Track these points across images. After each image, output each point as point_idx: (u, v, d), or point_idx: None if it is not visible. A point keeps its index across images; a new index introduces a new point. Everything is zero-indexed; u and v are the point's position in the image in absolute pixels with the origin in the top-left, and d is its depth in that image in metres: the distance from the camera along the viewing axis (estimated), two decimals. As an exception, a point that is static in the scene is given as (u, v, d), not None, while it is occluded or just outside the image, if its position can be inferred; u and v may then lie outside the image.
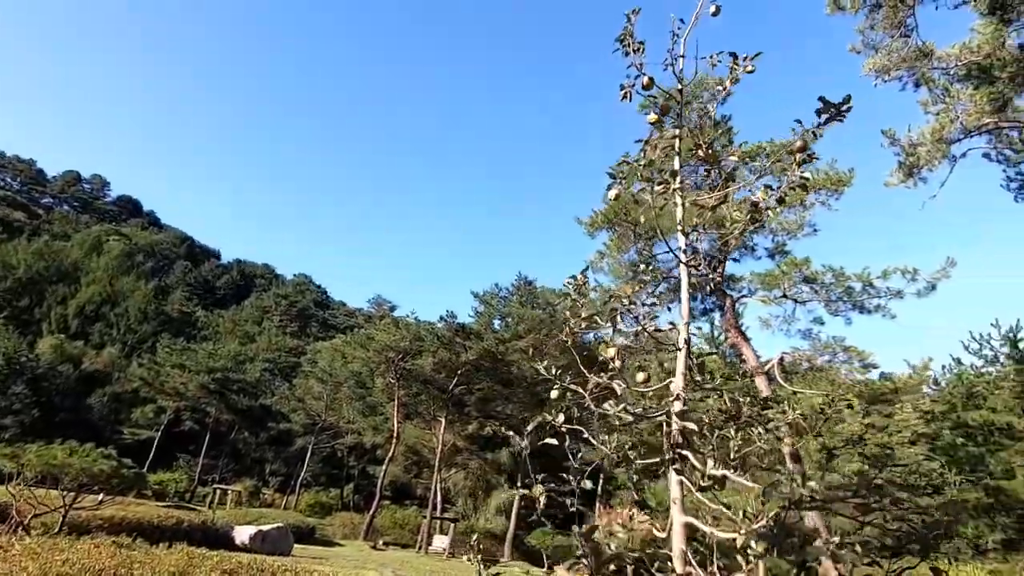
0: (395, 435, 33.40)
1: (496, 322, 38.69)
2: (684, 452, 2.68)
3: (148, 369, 45.24)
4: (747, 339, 12.33)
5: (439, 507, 34.32)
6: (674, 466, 2.65)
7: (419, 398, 35.99)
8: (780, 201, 3.48)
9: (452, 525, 30.00)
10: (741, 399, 3.13)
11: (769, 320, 12.94)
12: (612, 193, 3.63)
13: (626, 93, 3.43)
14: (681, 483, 2.61)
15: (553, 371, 3.41)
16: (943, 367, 26.98)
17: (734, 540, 2.19)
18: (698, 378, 3.17)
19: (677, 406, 2.82)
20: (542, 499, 2.74)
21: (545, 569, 26.51)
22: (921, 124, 14.32)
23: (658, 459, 2.83)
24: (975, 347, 24.85)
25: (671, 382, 3.09)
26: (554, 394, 3.47)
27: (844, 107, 2.98)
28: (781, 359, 11.41)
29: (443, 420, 33.18)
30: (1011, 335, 23.10)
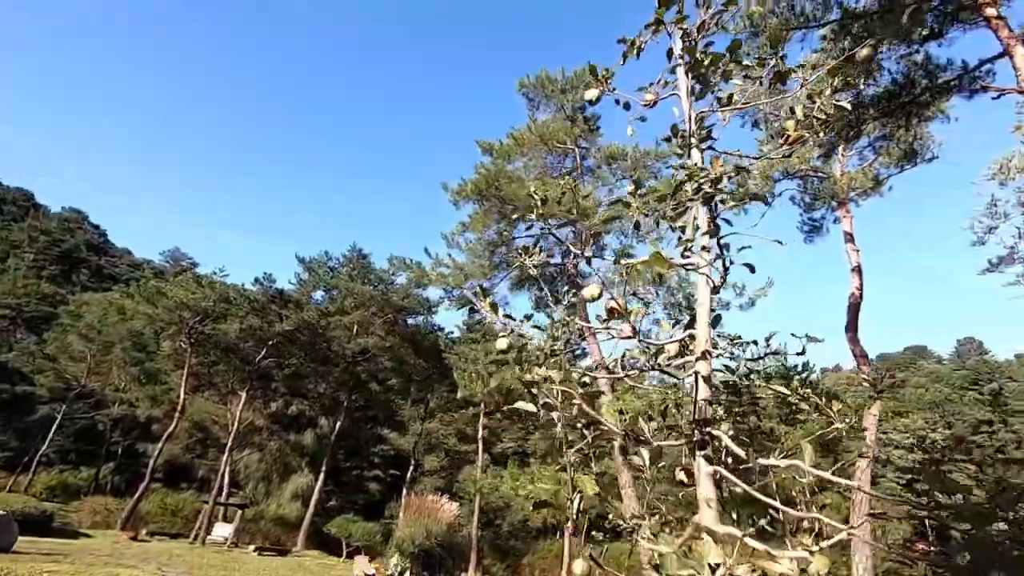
0: (180, 408, 28.64)
1: (320, 293, 35.63)
2: (714, 431, 1.95)
3: None
4: (595, 333, 12.56)
5: (225, 491, 30.32)
6: (702, 451, 1.91)
7: (216, 368, 31.40)
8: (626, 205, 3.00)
9: (239, 512, 26.66)
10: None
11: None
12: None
13: None
14: (717, 479, 1.85)
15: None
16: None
17: None
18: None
19: (703, 368, 2.11)
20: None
21: (343, 558, 24.85)
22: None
23: (676, 441, 2.09)
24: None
25: (673, 339, 2.41)
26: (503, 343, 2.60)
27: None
28: (623, 356, 11.77)
29: (243, 395, 29.36)
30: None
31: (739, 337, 2.68)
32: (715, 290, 2.27)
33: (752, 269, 2.27)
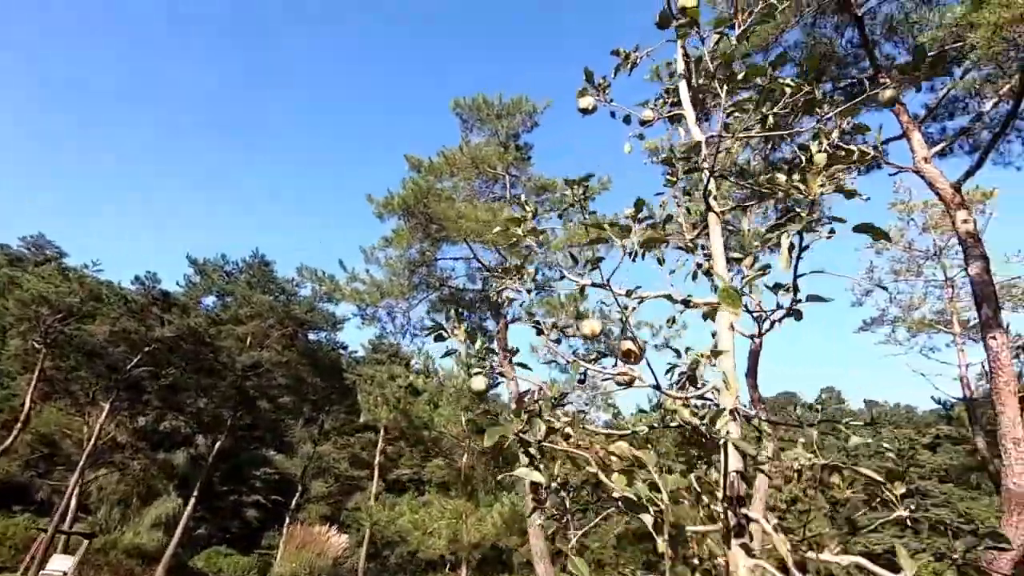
0: (23, 418, 24.62)
1: (211, 299, 32.62)
2: (751, 514, 1.56)
3: None
4: (513, 365, 12.23)
5: (70, 516, 26.23)
6: (739, 540, 1.51)
7: (76, 374, 27.47)
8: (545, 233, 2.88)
9: (85, 542, 23.12)
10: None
11: (538, 347, 13.16)
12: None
13: None
14: None
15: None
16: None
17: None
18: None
19: (735, 430, 1.72)
20: None
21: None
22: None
23: (709, 528, 1.67)
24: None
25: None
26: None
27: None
28: (540, 388, 11.52)
29: (106, 406, 25.85)
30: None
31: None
32: (759, 335, 1.97)
33: (821, 300, 1.98)
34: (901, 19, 10.28)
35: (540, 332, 2.57)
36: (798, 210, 1.32)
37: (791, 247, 1.27)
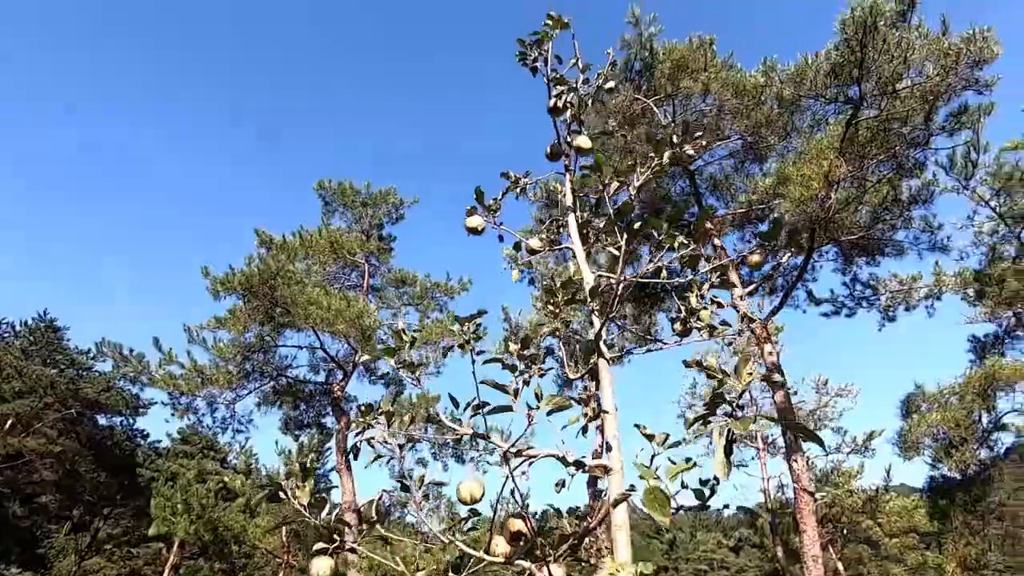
0: None
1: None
2: None
3: None
4: (350, 468, 11.04)
5: None
6: None
7: None
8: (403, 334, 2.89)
9: None
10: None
11: (381, 454, 12.10)
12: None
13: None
14: None
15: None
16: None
17: None
18: None
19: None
20: None
21: None
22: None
23: None
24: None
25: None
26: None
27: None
28: (380, 498, 10.47)
29: None
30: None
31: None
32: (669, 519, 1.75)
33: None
34: (721, 179, 12.28)
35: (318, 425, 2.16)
36: (727, 399, 1.22)
37: (727, 448, 1.13)
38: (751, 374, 1.26)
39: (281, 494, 1.89)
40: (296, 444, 13.10)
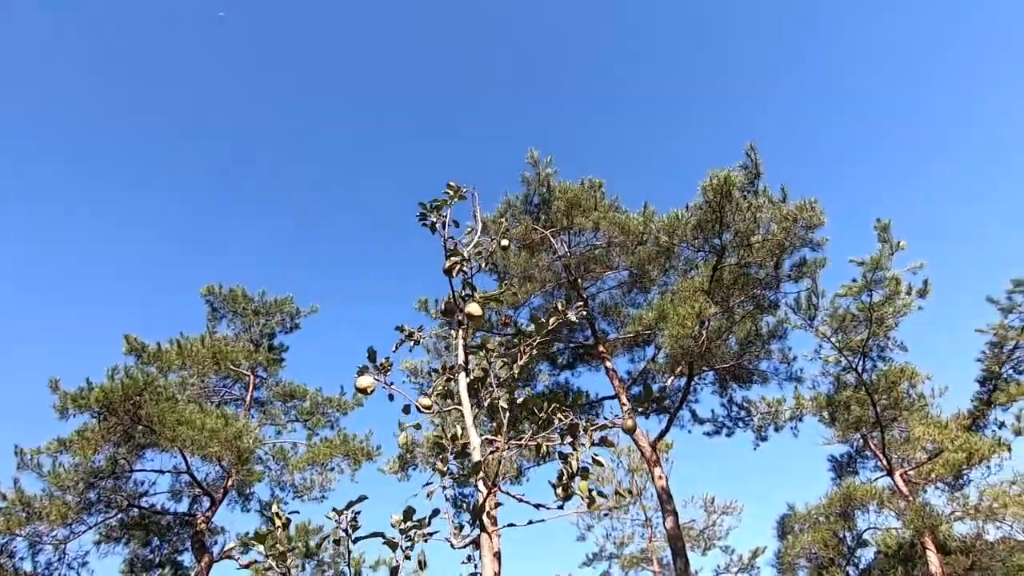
0: None
1: None
2: None
3: None
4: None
5: None
6: None
7: None
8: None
9: None
10: None
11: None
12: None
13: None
14: None
15: None
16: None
17: None
18: None
19: None
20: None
21: None
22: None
23: None
24: None
25: None
26: None
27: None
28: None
29: None
30: None
31: None
32: None
33: None
34: (612, 306, 13.25)
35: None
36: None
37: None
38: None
39: None
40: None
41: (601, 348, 12.54)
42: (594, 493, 2.48)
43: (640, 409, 12.32)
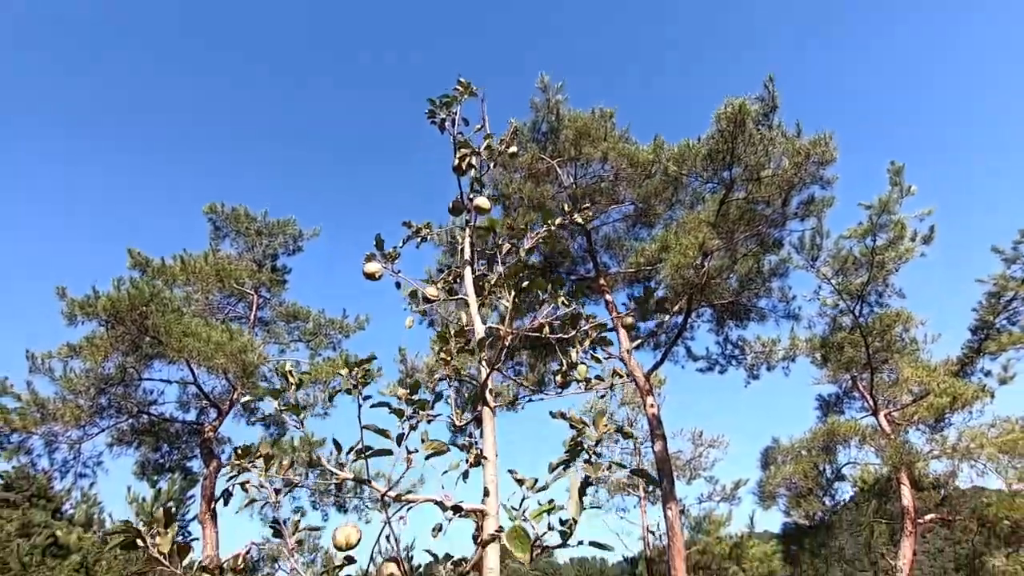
0: None
1: None
2: None
3: None
4: (215, 519, 10.00)
5: None
6: None
7: None
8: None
9: None
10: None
11: (256, 498, 11.13)
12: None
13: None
14: None
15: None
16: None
17: None
18: None
19: None
20: None
21: None
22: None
23: None
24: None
25: None
26: None
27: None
28: (248, 551, 9.59)
29: None
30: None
31: None
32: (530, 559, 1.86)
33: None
34: (615, 240, 13.21)
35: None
36: (586, 447, 1.37)
37: (582, 490, 1.28)
38: (607, 426, 1.45)
39: (139, 541, 1.77)
40: (153, 491, 11.69)
41: (602, 281, 12.62)
42: (592, 377, 2.57)
43: (640, 340, 12.52)
